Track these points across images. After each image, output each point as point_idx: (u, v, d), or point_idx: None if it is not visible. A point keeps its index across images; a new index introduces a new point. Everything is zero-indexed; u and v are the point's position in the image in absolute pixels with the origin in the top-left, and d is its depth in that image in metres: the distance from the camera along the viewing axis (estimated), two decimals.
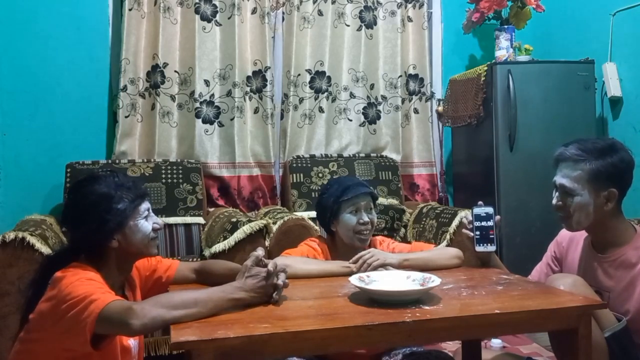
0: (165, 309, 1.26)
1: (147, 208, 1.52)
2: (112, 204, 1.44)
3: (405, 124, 3.68)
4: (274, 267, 1.45)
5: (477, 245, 1.80)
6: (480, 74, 3.24)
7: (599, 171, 1.63)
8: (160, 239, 2.89)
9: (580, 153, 1.66)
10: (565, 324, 1.43)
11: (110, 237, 1.44)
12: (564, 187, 1.68)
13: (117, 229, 1.44)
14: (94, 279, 1.36)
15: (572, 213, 1.68)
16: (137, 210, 1.48)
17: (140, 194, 1.51)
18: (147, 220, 1.50)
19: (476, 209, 1.81)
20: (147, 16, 3.20)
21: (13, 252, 2.19)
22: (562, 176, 1.70)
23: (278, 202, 3.42)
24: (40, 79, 3.08)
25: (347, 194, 1.90)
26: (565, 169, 1.69)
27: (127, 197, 1.47)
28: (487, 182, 3.22)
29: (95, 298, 1.28)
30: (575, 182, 1.66)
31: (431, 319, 1.31)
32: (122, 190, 1.47)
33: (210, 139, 3.30)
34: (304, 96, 3.46)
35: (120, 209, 1.44)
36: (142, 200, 1.51)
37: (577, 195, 1.66)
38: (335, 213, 1.92)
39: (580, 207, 1.66)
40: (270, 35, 3.40)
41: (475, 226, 1.79)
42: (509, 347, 2.65)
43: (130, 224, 1.46)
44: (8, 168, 3.01)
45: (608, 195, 1.65)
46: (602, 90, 3.28)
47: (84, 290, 1.30)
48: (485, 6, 3.37)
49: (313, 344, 1.26)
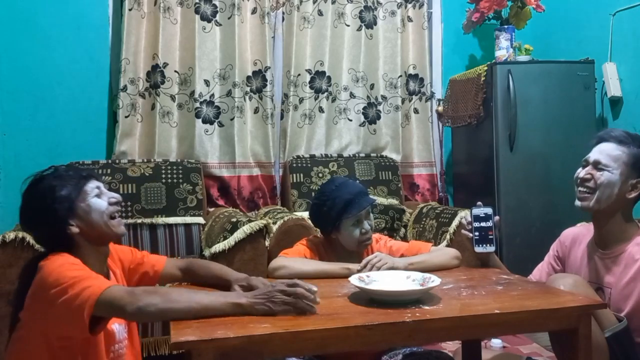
0: (161, 298, 1.28)
1: (96, 186, 1.52)
2: (56, 193, 1.45)
3: (405, 124, 3.68)
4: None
5: (477, 246, 1.80)
6: (480, 74, 3.24)
7: (638, 158, 1.68)
8: (160, 238, 2.91)
9: (627, 136, 1.71)
10: (565, 324, 1.43)
11: (67, 224, 1.45)
12: (598, 162, 1.71)
13: (69, 214, 1.45)
14: (77, 263, 1.38)
15: (597, 188, 1.69)
16: (83, 191, 1.49)
17: (83, 175, 1.52)
18: (100, 198, 1.51)
19: (475, 209, 1.82)
20: (147, 16, 3.20)
21: (13, 252, 2.19)
22: (599, 152, 1.72)
23: (278, 202, 3.42)
24: (40, 79, 3.08)
25: (350, 211, 1.86)
26: (605, 146, 1.72)
27: (69, 183, 1.48)
28: (487, 182, 3.22)
29: (90, 284, 1.29)
30: (612, 160, 1.69)
31: (431, 319, 1.31)
32: (63, 178, 1.49)
33: (210, 139, 3.30)
34: (304, 96, 3.46)
35: (65, 194, 1.46)
36: (87, 181, 1.51)
37: (609, 172, 1.68)
38: (337, 226, 1.90)
39: (607, 184, 1.68)
40: (270, 35, 3.40)
41: (474, 227, 1.80)
42: (509, 347, 2.65)
43: (81, 205, 1.47)
44: (8, 168, 3.01)
45: (635, 184, 1.69)
46: (602, 90, 3.28)
47: (71, 274, 1.32)
48: (485, 6, 3.37)
49: (313, 344, 1.26)
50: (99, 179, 1.56)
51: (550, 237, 1.99)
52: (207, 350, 1.17)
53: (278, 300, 1.33)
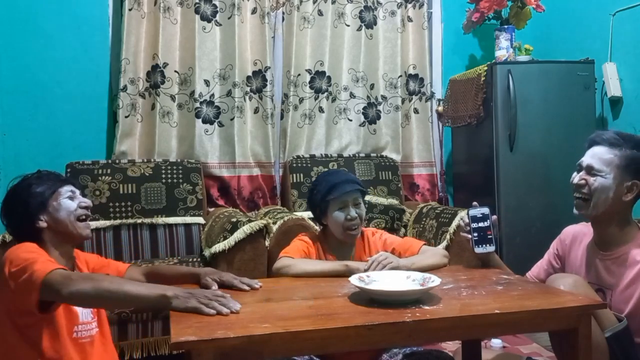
0: (92, 284, 1.35)
1: (70, 190, 1.64)
2: (31, 189, 1.60)
3: (405, 124, 3.68)
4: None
5: (476, 246, 1.80)
6: (480, 74, 3.24)
7: (631, 159, 1.65)
8: (160, 238, 2.91)
9: (618, 139, 1.67)
10: (565, 324, 1.43)
11: (37, 217, 1.57)
12: (591, 168, 1.68)
13: (40, 208, 1.57)
14: (35, 248, 1.49)
15: (592, 193, 1.68)
16: (57, 191, 1.61)
17: (60, 179, 1.66)
18: (72, 200, 1.62)
19: (472, 210, 1.81)
20: (147, 16, 3.20)
21: None
22: (591, 156, 1.70)
23: (278, 202, 3.42)
24: (40, 79, 3.08)
25: (332, 193, 1.93)
26: (597, 150, 1.69)
27: (46, 183, 1.62)
28: (487, 182, 3.22)
29: (37, 267, 1.38)
30: (604, 164, 1.66)
31: (431, 319, 1.31)
32: (42, 179, 1.63)
33: (210, 139, 3.30)
34: (304, 96, 3.46)
35: (39, 191, 1.59)
36: (63, 184, 1.64)
37: (602, 177, 1.66)
38: (323, 210, 1.97)
39: (602, 189, 1.66)
40: (270, 35, 3.40)
41: (473, 228, 1.79)
42: (509, 347, 2.65)
43: (53, 204, 1.59)
44: (8, 168, 3.01)
45: (631, 187, 1.66)
46: (602, 90, 3.28)
47: (25, 256, 1.42)
48: (485, 6, 3.37)
49: (313, 344, 1.26)
50: (76, 186, 1.69)
51: (550, 237, 1.98)
52: (207, 350, 1.17)
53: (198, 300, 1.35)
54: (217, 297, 1.37)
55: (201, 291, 1.41)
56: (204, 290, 1.45)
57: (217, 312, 1.32)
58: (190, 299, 1.34)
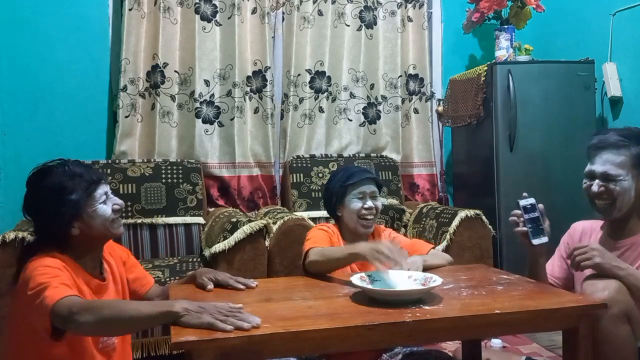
0: (93, 317, 1.27)
1: (104, 192, 1.54)
2: (65, 195, 1.46)
3: (405, 124, 3.68)
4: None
5: (533, 238, 1.70)
6: (480, 74, 3.24)
7: None
8: (160, 238, 2.91)
9: (622, 139, 1.68)
10: (565, 324, 1.43)
11: (70, 226, 1.47)
12: (607, 175, 1.68)
13: (73, 218, 1.47)
14: (50, 265, 1.40)
15: (617, 197, 1.68)
16: (92, 197, 1.50)
17: (94, 179, 1.52)
18: (105, 204, 1.52)
19: (522, 201, 1.74)
20: (147, 16, 3.20)
21: (13, 252, 2.19)
22: (603, 163, 1.70)
23: (278, 202, 3.42)
24: (41, 79, 3.08)
25: (352, 179, 2.00)
26: (606, 155, 1.69)
27: (80, 186, 1.48)
28: (487, 182, 3.22)
29: (47, 294, 1.31)
30: (619, 168, 1.67)
31: (431, 319, 1.31)
32: (75, 179, 1.49)
33: (210, 139, 3.30)
34: (304, 96, 3.46)
35: (73, 199, 1.47)
36: (97, 186, 1.52)
37: (623, 181, 1.67)
38: (341, 197, 2.01)
39: (625, 191, 1.67)
40: (270, 35, 3.40)
41: (526, 219, 1.73)
42: (509, 347, 2.65)
43: (87, 211, 1.49)
44: (8, 168, 3.01)
45: None
46: (602, 90, 3.28)
47: (39, 280, 1.35)
48: (485, 6, 3.37)
49: (313, 344, 1.27)
50: (106, 182, 1.58)
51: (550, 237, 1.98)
52: (207, 351, 1.17)
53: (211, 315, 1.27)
54: (233, 310, 1.29)
55: (213, 305, 1.31)
56: (216, 303, 1.32)
57: (236, 327, 1.23)
58: (203, 314, 1.26)
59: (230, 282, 1.63)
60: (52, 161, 1.54)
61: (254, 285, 1.64)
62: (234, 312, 1.28)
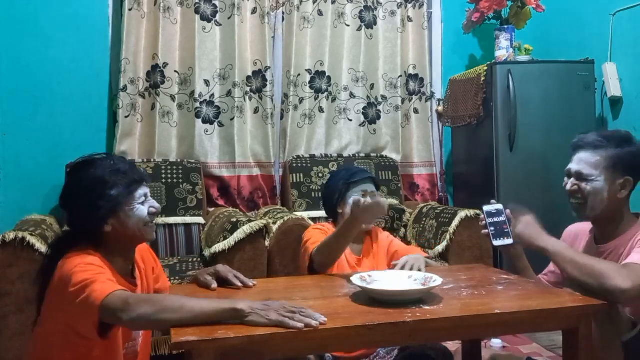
0: (154, 308, 1.26)
1: (144, 194, 1.51)
2: (106, 189, 1.44)
3: (405, 124, 3.68)
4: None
5: (494, 240, 1.78)
6: (480, 74, 3.24)
7: (618, 158, 1.67)
8: (160, 238, 2.91)
9: (601, 140, 1.69)
10: (565, 324, 1.43)
11: (104, 222, 1.44)
12: (580, 174, 1.71)
13: (110, 214, 1.44)
14: (93, 263, 1.37)
15: (587, 197, 1.70)
16: (132, 196, 1.47)
17: (136, 179, 1.50)
18: (143, 205, 1.50)
19: (486, 206, 1.83)
20: (147, 16, 3.20)
21: (13, 252, 2.19)
22: (578, 162, 1.73)
23: (278, 202, 3.42)
24: (41, 79, 3.08)
25: (355, 177, 2.08)
26: (582, 154, 1.72)
27: (121, 183, 1.46)
28: (487, 182, 3.22)
29: (96, 288, 1.29)
30: (593, 168, 1.69)
31: (431, 319, 1.31)
32: (118, 175, 1.46)
33: (210, 139, 3.30)
34: (304, 96, 3.46)
35: (113, 195, 1.44)
36: (139, 186, 1.49)
37: (595, 181, 1.68)
38: (343, 195, 2.06)
39: (596, 192, 1.68)
40: (270, 35, 3.40)
41: (488, 222, 1.80)
42: (509, 347, 2.65)
43: (125, 209, 1.46)
44: (8, 168, 3.01)
45: (623, 184, 1.68)
46: (602, 90, 3.28)
47: (83, 276, 1.32)
48: (485, 6, 3.37)
49: (313, 344, 1.26)
50: (148, 183, 1.56)
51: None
52: (208, 350, 1.17)
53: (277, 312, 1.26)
54: (295, 308, 1.27)
55: (279, 303, 1.29)
56: (280, 302, 1.30)
57: (306, 325, 1.22)
58: (270, 312, 1.24)
59: (229, 277, 1.63)
60: (98, 154, 1.51)
61: (251, 284, 1.64)
62: (299, 309, 1.27)
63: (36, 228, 2.34)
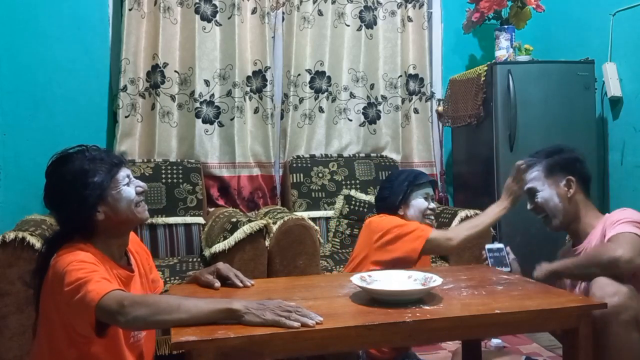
0: (149, 310, 1.26)
1: (127, 175, 1.52)
2: (88, 178, 1.44)
3: (405, 124, 3.68)
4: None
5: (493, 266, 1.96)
6: (480, 74, 3.24)
7: (551, 165, 1.88)
8: (160, 238, 2.91)
9: (531, 158, 1.94)
10: (565, 324, 1.43)
11: (94, 211, 1.45)
12: (529, 191, 1.92)
13: (98, 201, 1.45)
14: (86, 260, 1.37)
15: (544, 207, 1.87)
16: (115, 179, 1.48)
17: (116, 162, 1.51)
18: (129, 186, 1.51)
19: (488, 245, 2.00)
20: (147, 16, 3.20)
21: (13, 252, 2.19)
22: (527, 183, 1.93)
23: (278, 202, 3.42)
24: (40, 79, 3.08)
25: (419, 179, 2.22)
26: (527, 175, 1.93)
27: (102, 169, 1.47)
28: (487, 182, 3.22)
29: (91, 288, 1.29)
30: (536, 182, 1.90)
31: (431, 319, 1.31)
32: (96, 162, 1.47)
33: (210, 139, 3.30)
34: (304, 96, 3.46)
35: (97, 182, 1.45)
36: (119, 169, 1.51)
37: (542, 191, 1.87)
38: (407, 196, 2.18)
39: (547, 200, 1.86)
40: (270, 35, 3.40)
41: (489, 256, 1.97)
42: (509, 347, 2.65)
43: (111, 193, 1.47)
44: (8, 168, 3.01)
45: (567, 183, 1.85)
46: (602, 90, 3.28)
47: (77, 275, 1.32)
48: (485, 6, 3.37)
49: (313, 344, 1.26)
50: (127, 165, 1.56)
51: (550, 237, 2.02)
52: (208, 350, 1.17)
53: (273, 312, 1.26)
54: (292, 307, 1.28)
55: (275, 302, 1.30)
56: (276, 301, 1.31)
57: (302, 324, 1.23)
58: (266, 312, 1.25)
59: (230, 275, 1.63)
60: (71, 147, 1.51)
61: (249, 284, 1.64)
62: (294, 308, 1.28)
63: (36, 228, 2.34)
